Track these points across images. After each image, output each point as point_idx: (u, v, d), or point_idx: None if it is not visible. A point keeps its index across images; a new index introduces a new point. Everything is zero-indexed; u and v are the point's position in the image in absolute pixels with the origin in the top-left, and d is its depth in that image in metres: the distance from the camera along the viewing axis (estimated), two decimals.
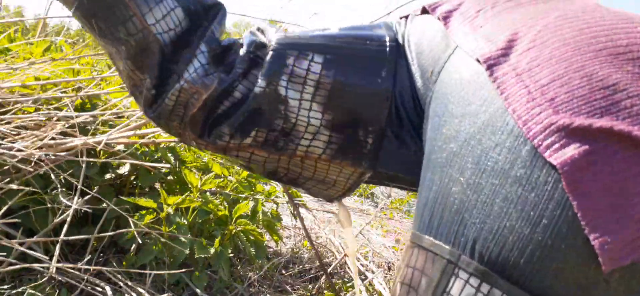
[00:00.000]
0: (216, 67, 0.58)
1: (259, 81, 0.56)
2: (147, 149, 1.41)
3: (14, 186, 1.10)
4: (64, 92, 1.29)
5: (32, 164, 1.07)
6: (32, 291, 1.08)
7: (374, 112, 0.57)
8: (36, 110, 1.28)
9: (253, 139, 0.58)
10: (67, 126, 1.15)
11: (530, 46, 0.44)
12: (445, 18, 0.54)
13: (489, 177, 0.43)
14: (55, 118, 1.16)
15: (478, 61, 0.46)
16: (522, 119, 0.41)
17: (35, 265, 1.04)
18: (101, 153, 1.33)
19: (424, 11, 0.59)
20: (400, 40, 0.59)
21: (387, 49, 0.57)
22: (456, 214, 0.45)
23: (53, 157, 1.11)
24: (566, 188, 0.38)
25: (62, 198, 1.07)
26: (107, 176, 1.33)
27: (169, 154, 1.43)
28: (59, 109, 1.27)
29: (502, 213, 0.42)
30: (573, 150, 0.38)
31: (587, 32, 0.44)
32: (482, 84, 0.46)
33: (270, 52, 0.56)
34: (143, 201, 1.31)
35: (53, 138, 1.11)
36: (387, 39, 0.58)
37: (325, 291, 1.67)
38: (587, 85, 0.40)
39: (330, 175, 0.62)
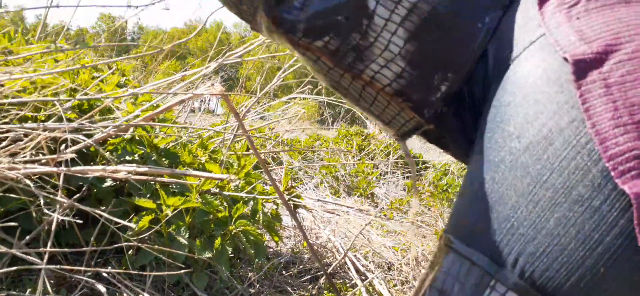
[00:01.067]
0: None
1: None
2: (143, 152, 1.41)
3: (13, 195, 1.10)
4: (57, 94, 1.29)
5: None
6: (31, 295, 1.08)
7: (461, 58, 0.50)
8: (34, 114, 1.28)
9: (324, 45, 0.53)
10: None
11: (631, 57, 0.39)
12: None
13: (548, 190, 0.39)
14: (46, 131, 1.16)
15: (566, 59, 0.41)
16: (601, 136, 0.37)
17: (32, 267, 1.04)
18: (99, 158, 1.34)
19: None
20: None
21: None
22: (504, 222, 0.41)
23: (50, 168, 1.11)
24: (636, 220, 0.35)
25: (45, 209, 1.07)
26: (108, 183, 1.33)
27: (164, 159, 1.43)
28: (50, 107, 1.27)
29: (556, 231, 0.38)
30: None
31: None
32: (562, 87, 0.40)
33: None
34: (142, 202, 1.31)
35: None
36: None
37: (325, 292, 1.67)
38: None
39: (386, 113, 0.57)
